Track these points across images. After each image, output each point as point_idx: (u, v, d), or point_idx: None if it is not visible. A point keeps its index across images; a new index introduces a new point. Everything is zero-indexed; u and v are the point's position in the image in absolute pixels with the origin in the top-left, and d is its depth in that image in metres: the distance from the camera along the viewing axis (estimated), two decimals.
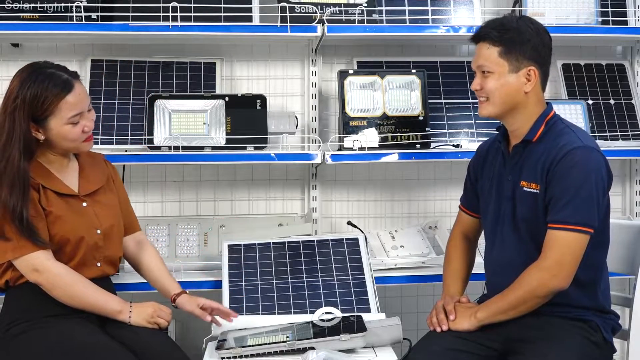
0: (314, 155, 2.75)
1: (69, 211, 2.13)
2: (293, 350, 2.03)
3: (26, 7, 2.75)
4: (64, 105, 2.07)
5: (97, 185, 2.23)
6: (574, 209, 1.98)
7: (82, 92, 2.13)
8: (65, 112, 2.08)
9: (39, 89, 2.05)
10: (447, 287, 2.29)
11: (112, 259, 2.24)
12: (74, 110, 2.09)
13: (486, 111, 2.13)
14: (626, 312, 2.33)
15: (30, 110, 2.05)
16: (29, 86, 2.05)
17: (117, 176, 2.36)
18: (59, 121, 2.08)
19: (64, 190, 2.15)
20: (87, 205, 2.18)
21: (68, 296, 2.07)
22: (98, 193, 2.23)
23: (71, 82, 2.10)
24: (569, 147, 2.02)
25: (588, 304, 2.09)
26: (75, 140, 2.13)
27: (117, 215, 2.26)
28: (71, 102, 2.08)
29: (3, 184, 2.03)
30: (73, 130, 2.10)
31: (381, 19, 2.93)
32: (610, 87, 3.14)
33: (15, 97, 2.06)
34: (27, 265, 2.05)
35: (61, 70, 2.12)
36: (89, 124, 2.14)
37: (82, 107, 2.12)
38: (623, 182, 3.24)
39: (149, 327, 2.12)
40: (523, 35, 2.07)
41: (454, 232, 2.40)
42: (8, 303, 2.14)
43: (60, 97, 2.06)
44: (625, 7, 3.08)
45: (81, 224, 2.14)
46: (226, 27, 2.78)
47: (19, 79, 2.08)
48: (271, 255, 2.59)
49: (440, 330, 2.11)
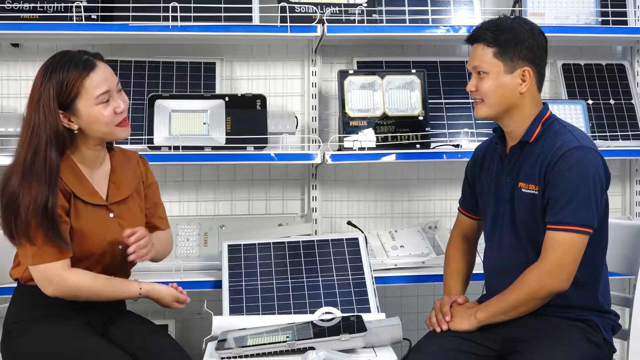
0: (314, 155, 2.75)
1: (96, 224, 2.08)
2: (293, 350, 2.03)
3: (26, 7, 2.75)
4: (88, 83, 2.01)
5: (126, 193, 2.18)
6: (572, 209, 1.98)
7: (107, 71, 2.07)
8: (92, 90, 2.01)
9: (61, 73, 2.00)
10: (448, 289, 2.29)
11: (127, 270, 2.22)
12: (101, 88, 2.02)
13: (482, 112, 2.13)
14: (626, 312, 2.33)
15: (57, 96, 1.99)
16: (50, 73, 2.00)
17: (149, 176, 2.30)
18: (87, 102, 2.02)
19: (93, 200, 2.09)
20: (114, 217, 2.13)
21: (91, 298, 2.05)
22: (126, 202, 2.17)
23: (92, 61, 2.05)
24: (566, 148, 2.02)
25: (587, 304, 2.09)
26: (108, 123, 2.05)
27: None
28: (96, 79, 2.02)
29: (32, 178, 1.97)
30: (104, 111, 2.03)
31: (381, 19, 2.93)
32: (610, 87, 3.14)
33: (38, 87, 2.01)
34: (41, 274, 2.00)
35: (82, 53, 2.08)
36: (121, 104, 2.07)
37: (110, 85, 2.05)
38: (623, 182, 3.24)
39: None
40: (518, 36, 2.07)
41: (454, 233, 2.40)
42: (15, 302, 2.13)
43: (83, 76, 2.01)
44: (625, 7, 3.08)
45: (105, 239, 2.09)
46: (226, 27, 2.78)
47: (40, 71, 2.04)
48: (271, 255, 2.59)
49: (439, 330, 2.11)
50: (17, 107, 3.01)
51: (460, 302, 2.19)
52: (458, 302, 2.18)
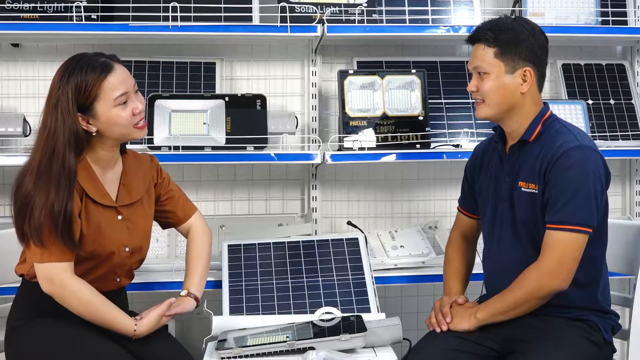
0: (314, 155, 2.75)
1: (104, 226, 2.07)
2: (293, 350, 2.03)
3: (26, 7, 2.75)
4: (107, 85, 2.01)
5: (136, 197, 2.17)
6: (572, 209, 1.98)
7: (124, 72, 2.06)
8: (110, 92, 2.01)
9: (79, 77, 1.99)
10: (448, 288, 2.29)
11: (131, 272, 2.22)
12: (119, 90, 2.02)
13: (483, 113, 2.13)
14: (626, 312, 2.33)
15: (75, 99, 1.99)
16: (68, 76, 1.99)
17: (161, 176, 2.29)
18: (105, 104, 2.01)
19: (103, 200, 2.09)
20: (122, 219, 2.12)
21: (80, 312, 2.02)
22: (135, 205, 2.17)
23: (110, 63, 2.04)
24: (566, 147, 2.01)
25: (587, 304, 2.08)
26: (127, 125, 2.05)
27: (148, 233, 2.22)
28: (114, 82, 2.02)
29: (50, 182, 1.96)
30: (122, 113, 2.03)
31: (381, 19, 2.93)
32: (610, 87, 3.15)
33: (56, 90, 1.99)
34: (43, 272, 1.99)
35: (98, 56, 2.07)
36: (138, 105, 2.07)
37: (127, 87, 2.05)
38: (623, 182, 3.25)
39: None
40: (519, 36, 2.07)
41: (453, 233, 2.40)
42: (19, 299, 2.12)
43: (101, 78, 2.00)
44: (625, 7, 3.08)
45: (113, 241, 2.09)
46: (226, 27, 2.78)
47: (58, 74, 2.03)
48: (271, 255, 2.59)
49: (439, 330, 2.11)
50: (17, 107, 3.02)
51: (460, 302, 2.19)
52: (458, 302, 2.18)
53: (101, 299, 2.03)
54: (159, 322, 2.09)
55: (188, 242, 2.33)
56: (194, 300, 2.20)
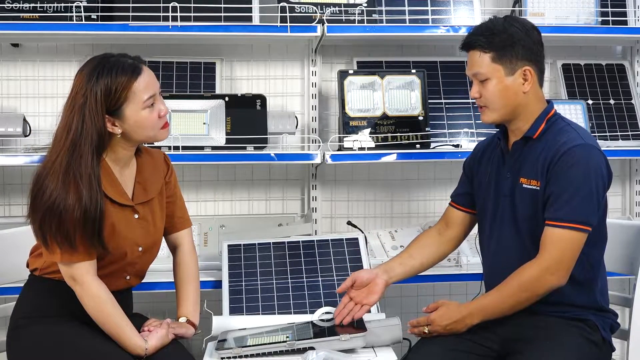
0: (313, 155, 2.75)
1: (121, 225, 2.06)
2: (293, 350, 2.03)
3: (26, 7, 2.75)
4: (137, 88, 1.98)
5: (151, 195, 2.15)
6: (573, 206, 1.98)
7: (151, 74, 2.04)
8: (140, 95, 1.99)
9: (108, 79, 1.95)
10: (386, 264, 2.27)
11: (141, 273, 2.21)
12: (148, 92, 2.00)
13: (489, 118, 2.12)
14: (626, 312, 2.33)
15: (104, 102, 1.96)
16: (97, 78, 1.95)
17: (171, 175, 2.27)
18: (134, 107, 1.99)
19: (121, 199, 2.07)
20: (138, 218, 2.11)
21: (93, 315, 2.01)
22: (150, 203, 2.15)
23: (138, 65, 2.02)
24: (570, 145, 2.01)
25: (586, 303, 2.08)
26: (153, 127, 2.04)
27: (161, 231, 2.21)
28: (143, 84, 1.99)
29: (79, 183, 1.92)
30: (150, 116, 2.02)
31: (381, 19, 2.93)
32: (610, 87, 3.15)
33: (83, 92, 1.95)
34: (67, 271, 1.99)
35: (124, 57, 2.04)
36: (163, 107, 2.06)
37: (155, 89, 2.03)
38: (623, 182, 3.25)
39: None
40: (512, 37, 2.06)
41: (434, 227, 2.37)
42: (25, 295, 2.11)
43: (132, 81, 1.97)
44: (625, 7, 3.08)
45: (128, 240, 2.08)
46: (226, 27, 2.78)
47: (83, 74, 1.98)
48: (271, 255, 2.59)
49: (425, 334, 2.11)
50: (17, 107, 3.02)
51: (363, 280, 2.17)
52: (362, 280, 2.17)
53: (116, 310, 2.01)
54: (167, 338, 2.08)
55: (176, 261, 2.29)
56: (193, 328, 2.18)
